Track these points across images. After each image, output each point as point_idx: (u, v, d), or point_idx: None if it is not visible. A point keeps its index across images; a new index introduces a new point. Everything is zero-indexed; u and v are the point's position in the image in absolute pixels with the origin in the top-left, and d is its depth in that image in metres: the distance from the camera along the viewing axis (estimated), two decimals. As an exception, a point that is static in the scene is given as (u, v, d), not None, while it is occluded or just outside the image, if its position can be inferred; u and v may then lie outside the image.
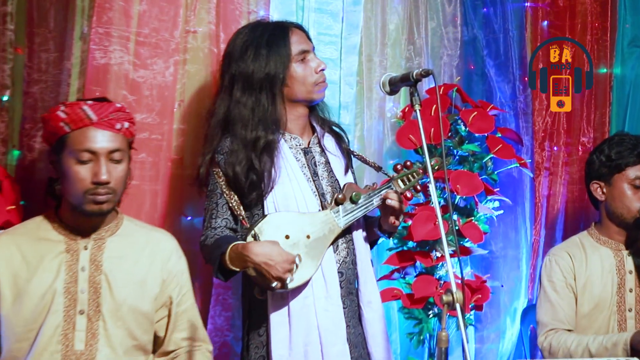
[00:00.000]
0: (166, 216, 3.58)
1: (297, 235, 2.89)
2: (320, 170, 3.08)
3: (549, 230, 4.57)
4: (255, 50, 3.06)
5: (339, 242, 3.03)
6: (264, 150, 2.99)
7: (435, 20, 4.34)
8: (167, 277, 2.91)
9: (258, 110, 3.02)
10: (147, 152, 3.52)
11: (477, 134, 3.92)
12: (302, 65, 3.07)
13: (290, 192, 2.98)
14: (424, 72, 2.77)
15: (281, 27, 3.13)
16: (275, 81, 3.03)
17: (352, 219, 2.99)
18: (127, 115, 2.81)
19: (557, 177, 4.62)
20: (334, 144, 3.18)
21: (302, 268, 2.87)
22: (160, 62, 3.57)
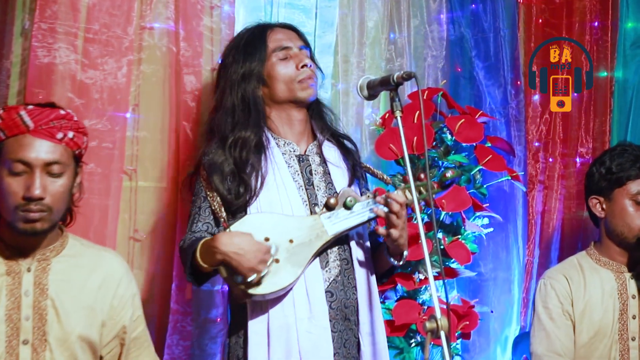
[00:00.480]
0: (117, 234, 3.55)
1: (278, 238, 2.86)
2: (317, 179, 3.05)
3: (544, 250, 4.59)
4: (235, 52, 3.13)
5: (330, 259, 2.98)
6: (248, 152, 2.99)
7: (418, 17, 4.34)
8: (118, 303, 2.86)
9: (238, 111, 3.05)
10: (96, 163, 3.48)
11: (465, 143, 3.92)
12: (283, 63, 3.07)
13: (276, 199, 2.96)
14: (405, 75, 2.77)
15: (262, 26, 3.18)
16: (250, 80, 3.06)
17: (344, 228, 2.94)
18: (73, 123, 2.72)
19: (553, 191, 4.64)
20: (338, 155, 3.15)
21: (280, 273, 2.83)
22: (112, 61, 3.54)
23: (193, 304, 3.68)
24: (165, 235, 3.68)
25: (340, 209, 2.93)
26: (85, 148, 2.79)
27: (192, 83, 3.73)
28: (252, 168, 2.98)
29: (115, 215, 3.54)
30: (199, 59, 3.77)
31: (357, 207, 2.95)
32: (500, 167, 3.95)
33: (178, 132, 3.70)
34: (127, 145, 3.61)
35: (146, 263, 3.64)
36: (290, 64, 3.07)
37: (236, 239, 2.77)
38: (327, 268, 2.97)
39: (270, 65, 3.07)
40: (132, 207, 3.63)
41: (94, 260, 2.86)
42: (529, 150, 4.61)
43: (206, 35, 3.80)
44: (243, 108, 3.05)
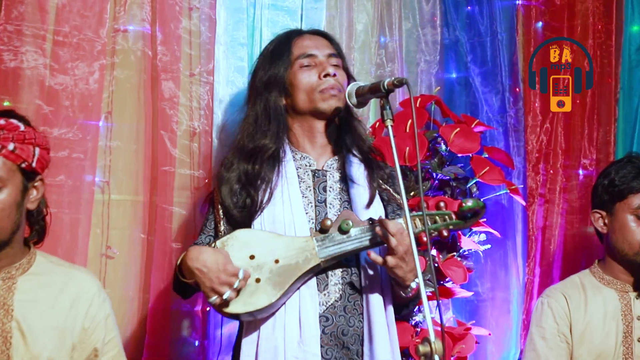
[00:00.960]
0: (89, 251, 3.56)
1: (264, 257, 2.87)
2: (331, 197, 3.04)
3: (545, 269, 4.59)
4: (262, 59, 3.16)
5: (330, 282, 2.95)
6: (262, 163, 3.01)
7: (410, 20, 4.37)
8: (90, 324, 2.87)
9: (259, 119, 3.07)
10: (66, 174, 3.49)
11: (460, 154, 3.94)
12: (305, 71, 3.07)
13: (280, 216, 2.96)
14: (397, 81, 2.78)
15: (290, 33, 3.20)
16: (273, 88, 3.07)
17: (337, 253, 2.90)
18: (16, 134, 2.71)
19: (554, 205, 4.64)
20: (362, 172, 3.11)
21: (258, 293, 2.84)
22: (83, 66, 3.55)
23: (171, 326, 3.69)
24: (140, 253, 3.69)
25: (335, 232, 2.90)
26: (43, 160, 2.78)
27: (170, 89, 3.75)
28: (261, 181, 2.99)
29: (86, 231, 3.55)
30: (178, 64, 3.79)
31: (354, 232, 2.90)
32: (498, 179, 3.96)
33: (155, 142, 3.72)
34: (100, 156, 3.62)
35: (119, 282, 3.65)
36: (313, 72, 3.06)
37: (203, 255, 2.79)
38: (326, 291, 2.95)
39: (293, 73, 3.07)
40: (105, 222, 3.64)
41: (63, 279, 2.87)
42: (528, 162, 4.62)
43: (185, 38, 3.82)
44: (265, 117, 3.06)
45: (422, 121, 3.97)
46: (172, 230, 3.75)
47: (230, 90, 3.97)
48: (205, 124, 3.87)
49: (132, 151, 3.70)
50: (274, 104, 3.07)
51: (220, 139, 3.86)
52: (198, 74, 3.86)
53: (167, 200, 3.74)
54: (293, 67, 3.07)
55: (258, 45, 3.97)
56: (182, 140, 3.81)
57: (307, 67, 3.07)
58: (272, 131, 3.04)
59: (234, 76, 3.97)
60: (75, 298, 2.86)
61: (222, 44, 3.94)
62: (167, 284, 3.70)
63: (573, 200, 4.65)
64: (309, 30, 3.22)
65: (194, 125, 3.84)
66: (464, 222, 2.96)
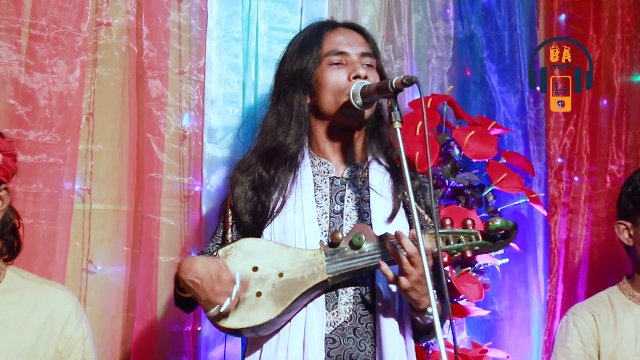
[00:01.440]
0: (68, 266, 3.55)
1: (267, 269, 2.86)
2: (349, 208, 3.01)
3: (568, 285, 4.59)
4: (291, 49, 3.11)
5: (341, 300, 2.92)
6: (279, 166, 3.00)
7: (421, 12, 4.38)
8: (65, 347, 2.85)
9: (282, 116, 3.04)
10: (42, 182, 3.49)
11: (475, 159, 3.94)
12: (334, 69, 3.02)
13: (291, 225, 2.95)
14: (406, 80, 2.74)
15: (322, 24, 3.15)
16: (298, 85, 3.03)
17: (346, 270, 2.86)
18: None
19: (579, 215, 4.64)
20: (387, 181, 3.07)
21: (257, 308, 2.83)
22: (63, 63, 3.55)
23: (158, 348, 3.69)
24: (124, 268, 3.69)
25: (347, 246, 2.87)
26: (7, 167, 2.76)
27: (157, 88, 3.75)
28: (275, 187, 2.98)
29: (64, 244, 3.54)
30: (166, 60, 3.79)
31: (367, 248, 2.86)
32: (517, 187, 3.96)
33: (140, 145, 3.72)
34: (80, 161, 3.62)
35: (101, 300, 3.64)
36: (343, 72, 3.01)
37: (195, 265, 2.78)
38: (335, 310, 2.92)
39: (321, 70, 3.02)
40: (85, 234, 3.64)
41: (36, 296, 2.85)
42: (550, 168, 4.62)
43: (174, 32, 3.83)
44: (288, 116, 3.04)
45: (433, 123, 3.97)
46: (159, 242, 3.74)
47: (223, 90, 3.96)
48: (196, 126, 3.87)
49: (116, 156, 3.70)
50: (298, 103, 3.04)
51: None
52: (188, 71, 3.85)
53: (154, 210, 3.73)
54: (321, 63, 3.02)
55: (254, 40, 3.97)
56: (170, 144, 3.80)
57: (337, 65, 3.01)
58: (294, 132, 3.02)
59: (227, 74, 3.96)
60: (49, 317, 2.84)
61: (214, 39, 3.94)
62: (154, 301, 3.70)
63: (599, 210, 4.64)
64: (344, 24, 3.17)
65: (183, 128, 3.84)
66: (492, 243, 2.90)
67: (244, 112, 3.95)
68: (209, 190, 3.88)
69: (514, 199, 4.14)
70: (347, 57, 3.01)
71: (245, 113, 3.94)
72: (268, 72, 3.90)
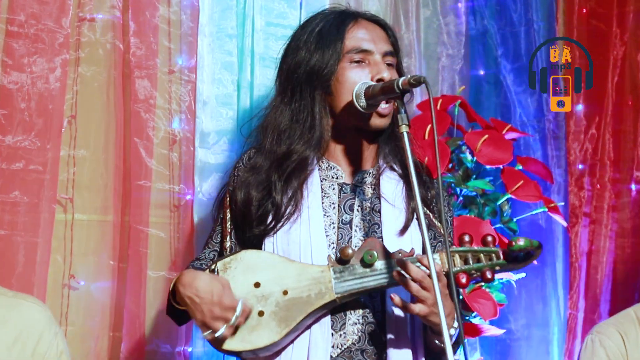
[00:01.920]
0: (48, 281, 3.55)
1: (270, 285, 2.84)
2: (358, 218, 2.98)
3: (591, 302, 4.59)
4: (305, 41, 3.03)
5: (349, 321, 2.90)
6: (292, 172, 2.96)
7: (430, 7, 4.39)
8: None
9: (297, 117, 2.99)
10: (21, 190, 3.50)
11: (489, 165, 3.95)
12: (356, 69, 2.97)
13: (296, 236, 2.92)
14: (414, 80, 2.72)
15: (345, 15, 3.08)
16: (318, 81, 2.97)
17: (357, 289, 2.84)
18: None
19: (602, 226, 4.65)
20: (400, 190, 3.03)
21: (259, 329, 2.81)
22: (43, 61, 3.56)
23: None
24: (110, 283, 3.69)
25: (357, 263, 2.84)
26: None
27: (145, 89, 3.76)
28: (285, 195, 2.95)
29: (45, 257, 3.54)
30: (154, 59, 3.79)
31: (379, 265, 2.83)
32: (535, 195, 3.96)
33: (127, 151, 3.73)
34: (62, 168, 3.62)
35: (84, 318, 3.64)
36: (365, 72, 2.96)
37: (197, 282, 2.76)
38: (342, 332, 2.90)
39: (342, 68, 2.97)
40: (67, 247, 3.64)
41: (5, 310, 2.87)
42: (570, 175, 4.63)
43: (163, 28, 3.84)
44: (306, 120, 2.99)
45: (443, 127, 3.97)
46: (148, 255, 3.75)
47: (216, 90, 3.96)
48: (187, 130, 3.87)
49: (100, 162, 3.70)
50: (320, 104, 2.99)
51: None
52: (178, 70, 3.87)
53: (142, 221, 3.74)
54: (342, 60, 2.97)
55: (249, 37, 3.97)
56: (159, 150, 3.81)
57: (358, 63, 2.97)
58: (317, 135, 2.97)
59: (220, 73, 3.97)
60: (20, 332, 2.85)
61: (206, 36, 3.94)
62: (142, 320, 3.71)
63: (624, 221, 4.65)
64: (367, 16, 3.10)
65: (173, 132, 3.85)
66: (515, 264, 2.88)
67: (239, 114, 3.95)
68: (201, 199, 3.88)
69: (531, 208, 4.15)
70: (370, 56, 2.97)
71: (241, 115, 3.94)
72: (264, 71, 3.92)
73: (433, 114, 2.70)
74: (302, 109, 2.99)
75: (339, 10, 3.12)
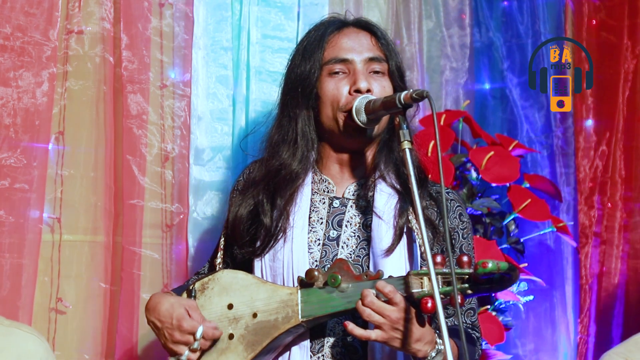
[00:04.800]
0: (34, 304, 3.53)
1: (242, 308, 2.86)
2: (346, 234, 2.96)
3: (602, 326, 4.57)
4: (296, 54, 3.07)
5: (327, 342, 2.88)
6: (280, 188, 2.96)
7: (433, 18, 4.39)
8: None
9: (286, 131, 3.00)
10: (6, 209, 3.48)
11: (495, 183, 3.94)
12: (333, 80, 2.96)
13: (280, 254, 2.92)
14: (416, 94, 2.70)
15: (328, 24, 3.07)
16: (301, 95, 2.98)
17: (322, 313, 2.81)
18: None
19: (613, 247, 4.63)
20: (393, 203, 2.99)
21: (227, 354, 2.84)
22: (29, 75, 3.55)
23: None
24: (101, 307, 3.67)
25: (325, 287, 2.80)
26: None
27: (138, 104, 3.74)
28: (271, 213, 2.96)
29: (31, 279, 3.52)
30: (147, 73, 3.78)
31: (347, 288, 2.78)
32: (542, 215, 3.96)
33: (119, 169, 3.71)
34: (49, 187, 3.60)
35: (73, 344, 3.63)
36: (343, 83, 2.95)
37: (161, 306, 2.82)
38: (320, 354, 2.89)
39: (321, 81, 2.97)
40: (55, 268, 3.62)
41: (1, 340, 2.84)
42: (580, 193, 4.62)
43: (155, 41, 3.83)
44: (291, 132, 2.99)
45: (447, 143, 3.97)
46: (140, 278, 3.74)
47: (211, 105, 3.95)
48: (182, 146, 3.86)
49: (90, 180, 3.69)
50: (303, 120, 2.99)
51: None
52: (172, 85, 3.85)
53: (135, 241, 3.73)
54: (322, 73, 2.97)
55: (245, 50, 3.96)
56: (152, 167, 3.80)
57: (337, 74, 2.96)
58: (300, 152, 2.98)
59: (215, 87, 3.95)
60: (16, 365, 2.83)
61: (201, 48, 3.94)
62: (135, 345, 3.69)
63: (636, 241, 4.63)
64: (353, 22, 3.09)
65: (167, 148, 3.83)
66: (489, 287, 2.70)
67: (235, 130, 3.94)
68: (195, 218, 3.87)
69: (539, 228, 4.14)
70: (350, 65, 2.95)
71: (236, 131, 3.93)
72: (261, 85, 3.92)
73: (436, 130, 2.66)
74: (289, 125, 3.00)
75: (327, 20, 3.12)
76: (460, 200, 3.06)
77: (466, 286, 2.65)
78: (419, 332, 2.66)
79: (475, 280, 2.66)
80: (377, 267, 2.82)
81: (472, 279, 2.66)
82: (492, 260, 2.63)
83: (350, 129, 2.90)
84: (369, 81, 2.92)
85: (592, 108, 4.60)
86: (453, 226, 2.99)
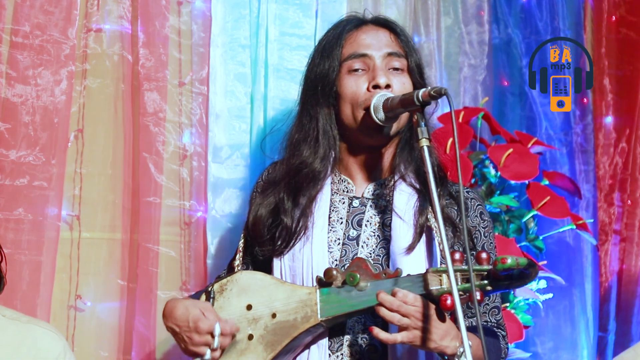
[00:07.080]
0: (53, 302, 3.55)
1: (261, 308, 2.87)
2: (366, 234, 2.97)
3: (622, 324, 4.57)
4: (315, 52, 3.07)
5: (346, 341, 2.89)
6: (302, 187, 2.97)
7: (451, 15, 4.39)
8: (53, 394, 2.85)
9: (307, 130, 3.01)
10: (25, 207, 3.50)
11: (514, 181, 3.94)
12: (352, 77, 2.97)
13: (299, 254, 2.93)
14: (434, 92, 2.71)
15: (346, 22, 3.09)
16: (320, 93, 2.99)
17: (341, 313, 2.82)
18: None
19: (633, 244, 4.63)
20: (413, 203, 3.00)
21: (247, 354, 2.85)
22: (48, 73, 3.57)
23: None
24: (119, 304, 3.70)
25: (345, 286, 2.81)
26: None
27: (155, 102, 3.76)
28: (292, 213, 2.97)
29: (50, 277, 3.54)
30: (164, 71, 3.79)
31: (364, 286, 2.79)
32: (562, 212, 3.97)
33: (136, 166, 3.72)
34: (67, 184, 3.62)
35: (92, 341, 3.64)
36: (363, 79, 2.95)
37: (176, 311, 2.85)
38: (339, 353, 2.89)
39: (340, 78, 2.98)
40: (74, 266, 3.64)
41: (19, 337, 2.85)
42: (600, 190, 4.61)
43: (173, 39, 3.84)
44: (312, 130, 3.00)
45: (466, 140, 3.97)
46: (158, 275, 3.74)
47: (229, 103, 3.95)
48: (199, 144, 3.86)
49: (108, 178, 3.71)
50: (324, 119, 3.00)
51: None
52: (189, 82, 3.86)
53: (152, 239, 3.73)
54: (341, 70, 2.98)
55: (263, 48, 3.97)
56: (169, 165, 3.81)
57: (356, 71, 2.96)
58: (322, 151, 2.99)
59: (233, 85, 3.96)
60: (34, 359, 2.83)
61: (218, 46, 3.95)
62: (153, 342, 3.70)
63: (656, 239, 4.60)
64: (371, 19, 3.09)
65: (184, 146, 3.84)
66: (508, 284, 2.72)
67: (253, 127, 3.94)
68: (214, 216, 3.87)
69: (559, 225, 4.14)
70: (369, 61, 2.96)
71: (254, 129, 3.94)
72: (279, 83, 3.93)
73: (455, 127, 2.68)
74: (310, 124, 3.01)
75: (346, 18, 3.12)
76: (481, 199, 3.05)
77: (485, 282, 2.66)
78: (443, 328, 2.68)
79: (494, 277, 2.67)
80: (395, 266, 2.82)
81: (492, 275, 2.67)
82: (511, 256, 2.64)
83: (368, 127, 2.90)
84: (388, 77, 2.92)
85: (611, 105, 4.58)
86: (474, 225, 2.98)
